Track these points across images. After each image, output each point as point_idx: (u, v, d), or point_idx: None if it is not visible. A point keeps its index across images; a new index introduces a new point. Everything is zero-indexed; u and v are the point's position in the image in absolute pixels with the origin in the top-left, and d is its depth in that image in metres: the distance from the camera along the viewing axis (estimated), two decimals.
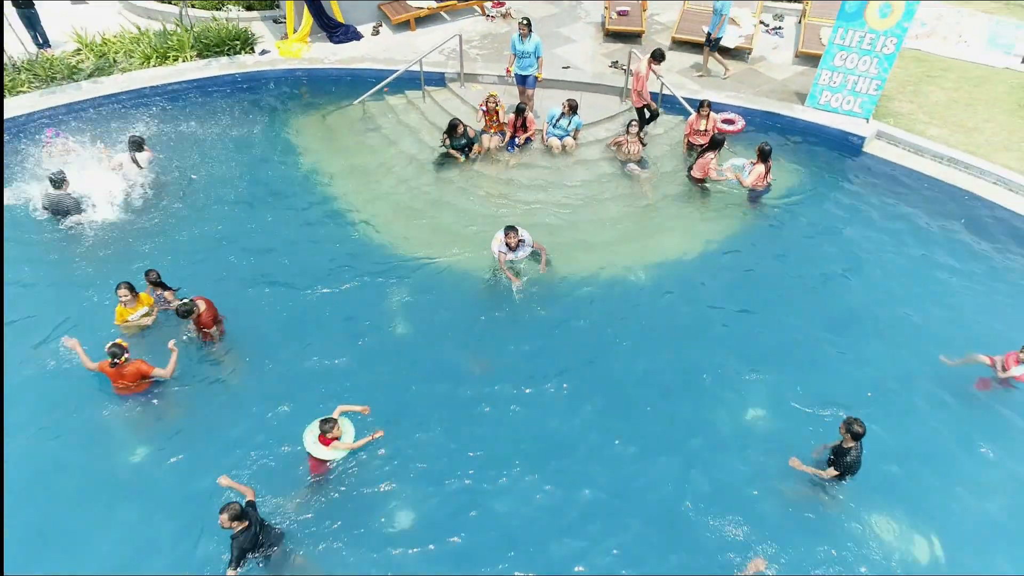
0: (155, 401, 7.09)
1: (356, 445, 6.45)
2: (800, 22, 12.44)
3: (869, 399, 7.23)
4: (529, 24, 9.90)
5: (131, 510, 6.34)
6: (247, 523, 5.56)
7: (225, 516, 5.46)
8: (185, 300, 7.15)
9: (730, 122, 10.64)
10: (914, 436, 7.02)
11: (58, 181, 8.78)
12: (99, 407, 7.04)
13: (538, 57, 10.09)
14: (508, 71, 10.36)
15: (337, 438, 6.28)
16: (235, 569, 5.53)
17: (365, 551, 6.12)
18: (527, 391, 7.30)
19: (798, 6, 12.87)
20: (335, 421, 6.25)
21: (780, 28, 12.60)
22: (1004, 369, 7.19)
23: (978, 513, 6.52)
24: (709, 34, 10.96)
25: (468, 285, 8.45)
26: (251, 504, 5.75)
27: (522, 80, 10.33)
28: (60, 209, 8.85)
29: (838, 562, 6.11)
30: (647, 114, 10.28)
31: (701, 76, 11.40)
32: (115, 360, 6.74)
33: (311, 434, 6.25)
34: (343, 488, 6.49)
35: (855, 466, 6.33)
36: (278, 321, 7.95)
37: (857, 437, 6.19)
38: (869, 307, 8.29)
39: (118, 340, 6.88)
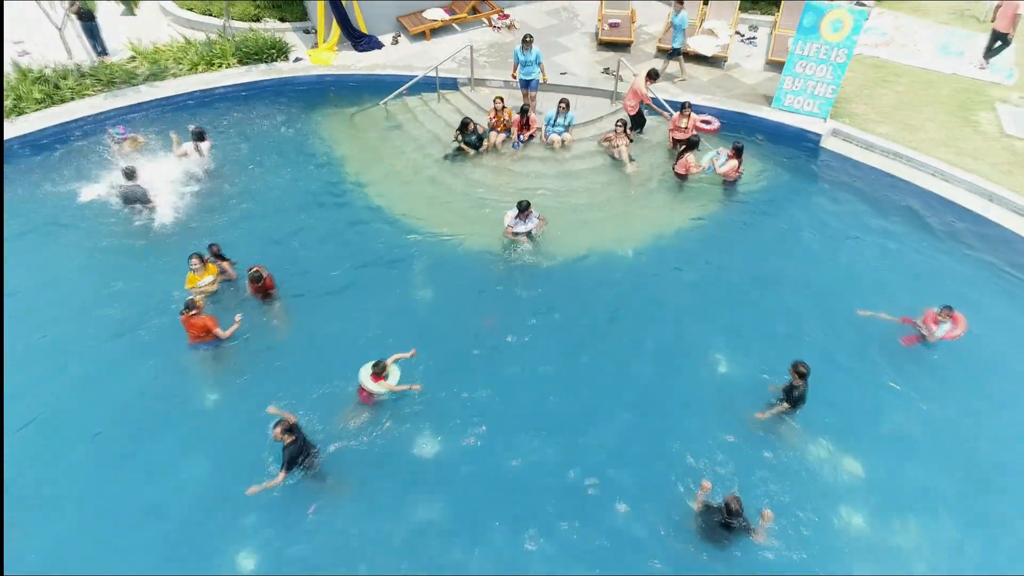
0: (224, 349, 8.64)
1: (397, 388, 7.96)
2: (771, 33, 13.97)
3: (819, 353, 8.71)
4: (532, 40, 11.46)
5: (204, 434, 7.90)
6: (295, 437, 7.09)
7: (278, 430, 6.99)
8: (255, 268, 8.71)
9: (707, 123, 12.18)
10: (850, 380, 8.55)
11: (130, 174, 10.31)
12: (179, 355, 8.60)
13: (539, 64, 11.66)
14: (514, 76, 11.93)
15: (385, 378, 7.81)
16: (285, 472, 7.06)
17: (394, 468, 7.63)
18: (528, 341, 8.87)
19: (770, 18, 14.40)
20: (385, 364, 7.78)
21: (754, 38, 14.15)
22: (931, 333, 8.71)
23: (895, 436, 8.08)
24: (675, 48, 12.55)
25: (478, 258, 10.00)
26: (295, 425, 7.26)
27: (526, 84, 11.89)
28: (132, 198, 10.37)
29: (786, 473, 7.66)
30: (640, 120, 11.91)
31: (683, 81, 12.96)
32: (183, 310, 8.27)
33: (365, 370, 7.78)
34: (381, 418, 8.03)
35: (802, 400, 7.84)
36: (320, 287, 9.49)
37: (803, 376, 7.72)
38: (822, 274, 9.86)
39: (195, 297, 8.45)
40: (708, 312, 9.36)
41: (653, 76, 11.42)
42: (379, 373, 7.70)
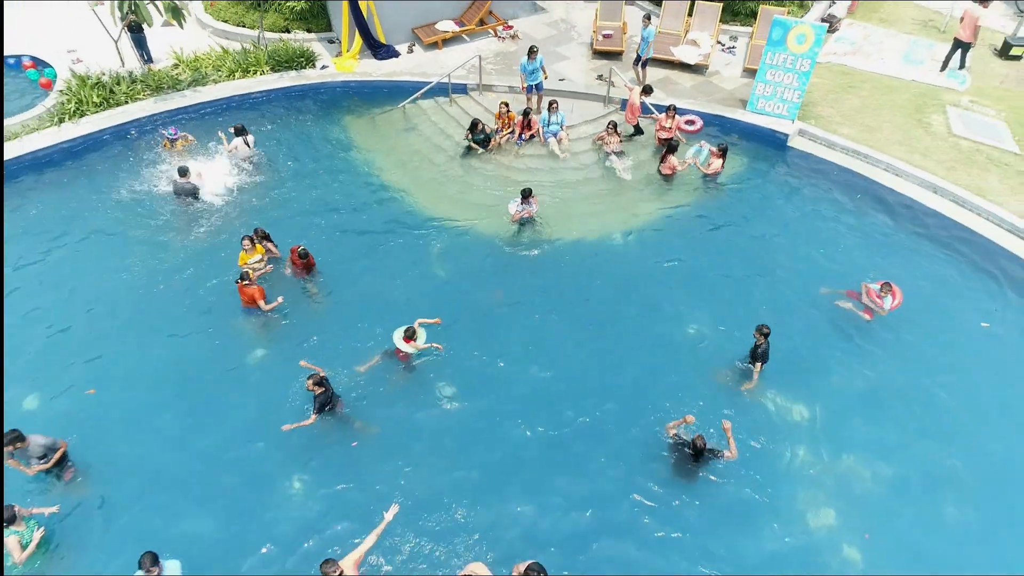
0: (272, 313, 10.17)
1: (424, 347, 9.49)
2: (749, 43, 15.47)
3: (780, 318, 10.17)
4: (537, 50, 13.02)
5: (253, 381, 9.47)
6: (324, 388, 8.61)
7: (310, 382, 8.52)
8: (300, 247, 10.28)
9: (691, 123, 13.71)
10: (811, 343, 10.05)
11: (183, 171, 11.85)
12: (233, 318, 10.17)
13: (542, 67, 13.22)
14: (523, 88, 13.47)
15: (414, 340, 9.35)
16: (316, 415, 8.60)
17: (417, 410, 9.17)
18: (529, 310, 10.41)
19: (748, 30, 15.90)
20: (415, 329, 9.30)
21: (733, 48, 15.66)
22: (881, 308, 10.20)
23: (842, 385, 9.57)
24: (639, 56, 14.10)
25: (486, 240, 11.53)
26: (324, 378, 8.74)
27: (531, 88, 13.45)
28: (185, 192, 11.92)
29: (751, 416, 9.17)
30: (639, 130, 13.51)
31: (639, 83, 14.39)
32: (239, 279, 9.82)
33: (398, 334, 9.29)
34: (408, 372, 9.58)
35: (766, 356, 9.31)
36: (350, 264, 11.03)
37: (765, 336, 9.22)
38: (788, 255, 11.36)
39: (250, 271, 10.00)
40: (689, 285, 10.87)
41: (648, 91, 12.99)
42: (410, 336, 9.25)
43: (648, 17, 13.83)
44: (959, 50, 14.84)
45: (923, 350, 10.05)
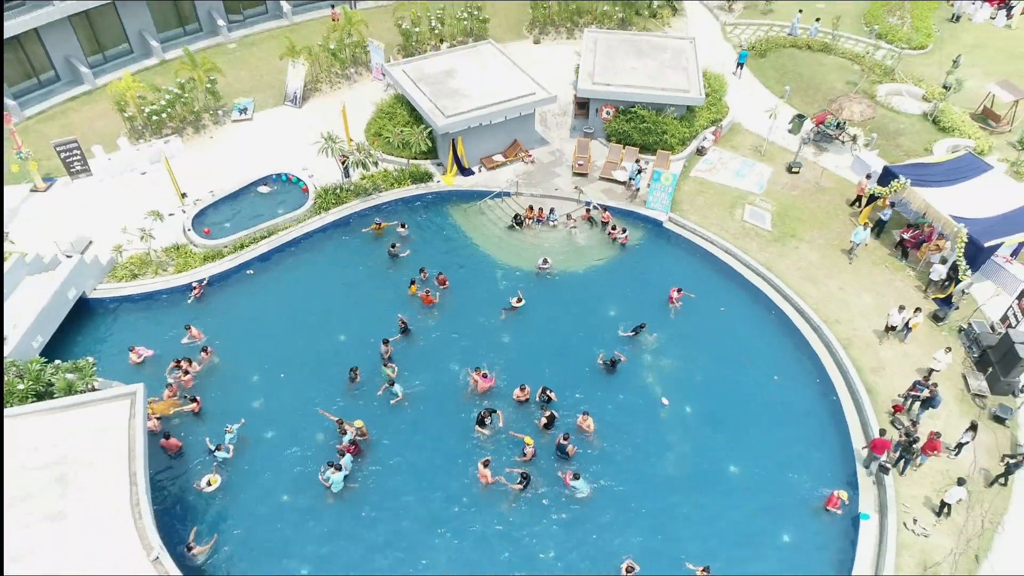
0: (432, 308, 24.90)
1: (522, 303, 24.31)
2: (651, 166, 29.90)
3: (650, 308, 24.72)
4: (638, 160, 27.69)
5: (423, 344, 24.22)
6: (407, 330, 23.35)
7: (398, 337, 23.31)
8: (440, 274, 25.09)
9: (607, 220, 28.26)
10: (658, 319, 24.66)
11: (392, 244, 26.50)
12: (414, 313, 24.95)
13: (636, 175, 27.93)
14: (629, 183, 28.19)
15: (519, 301, 24.12)
16: (398, 338, 23.41)
17: (480, 347, 23.91)
18: (534, 308, 25.12)
19: (653, 157, 30.34)
20: (519, 296, 24.11)
21: (643, 170, 30.18)
22: (678, 299, 24.86)
23: (669, 333, 24.26)
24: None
25: (520, 273, 26.19)
26: (387, 340, 23.41)
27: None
28: (393, 255, 26.65)
29: (629, 347, 23.83)
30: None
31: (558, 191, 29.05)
32: (426, 292, 24.57)
33: (512, 299, 24.10)
34: (482, 331, 24.31)
35: (640, 328, 24.06)
36: (460, 284, 25.65)
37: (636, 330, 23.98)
38: (656, 280, 25.97)
39: (428, 290, 24.73)
40: (611, 294, 25.49)
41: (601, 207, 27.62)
42: (518, 300, 24.03)
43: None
44: (869, 203, 28.75)
45: (698, 321, 24.70)
